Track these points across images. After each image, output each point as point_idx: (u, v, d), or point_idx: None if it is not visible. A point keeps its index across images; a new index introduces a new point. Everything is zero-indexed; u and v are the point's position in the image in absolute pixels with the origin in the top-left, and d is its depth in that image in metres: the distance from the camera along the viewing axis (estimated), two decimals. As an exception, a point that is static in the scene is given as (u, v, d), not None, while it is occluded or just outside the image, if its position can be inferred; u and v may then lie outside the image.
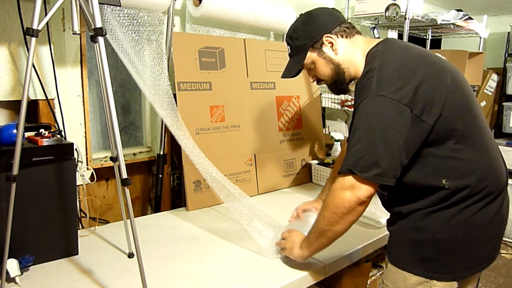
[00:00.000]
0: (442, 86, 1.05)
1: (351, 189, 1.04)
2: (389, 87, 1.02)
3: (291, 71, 1.29)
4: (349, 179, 1.04)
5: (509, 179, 1.19)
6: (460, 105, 1.07)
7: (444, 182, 1.05)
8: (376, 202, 1.28)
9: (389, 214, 1.23)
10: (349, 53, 1.20)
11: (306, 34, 1.22)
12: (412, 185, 1.10)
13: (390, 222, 1.21)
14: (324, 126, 2.48)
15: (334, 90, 1.29)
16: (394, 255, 1.17)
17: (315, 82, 1.30)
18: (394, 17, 2.25)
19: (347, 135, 2.30)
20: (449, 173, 1.06)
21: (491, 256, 1.15)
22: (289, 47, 1.27)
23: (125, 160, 1.74)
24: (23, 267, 1.17)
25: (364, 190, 1.03)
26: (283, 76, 1.31)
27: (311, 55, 1.22)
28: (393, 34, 3.10)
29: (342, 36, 1.20)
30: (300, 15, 1.27)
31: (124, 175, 1.06)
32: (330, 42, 1.19)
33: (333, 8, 1.25)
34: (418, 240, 1.10)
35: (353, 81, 1.23)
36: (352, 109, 1.23)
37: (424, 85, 1.03)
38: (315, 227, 1.18)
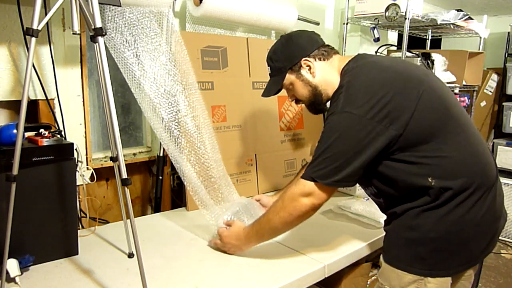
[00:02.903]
0: (412, 94, 1.09)
1: (310, 195, 1.14)
2: (355, 103, 1.09)
3: (270, 91, 1.35)
4: (309, 186, 1.13)
5: (502, 179, 1.20)
6: (434, 108, 1.11)
7: (430, 181, 1.08)
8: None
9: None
10: (326, 74, 1.26)
11: (285, 56, 1.28)
12: (401, 186, 1.13)
13: (386, 223, 1.24)
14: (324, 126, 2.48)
15: (312, 110, 1.36)
16: (389, 254, 1.19)
17: (294, 101, 1.37)
18: (394, 17, 2.25)
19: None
20: (434, 172, 1.08)
21: (486, 250, 1.17)
22: (269, 67, 1.34)
23: (125, 160, 1.75)
24: (23, 267, 1.17)
25: (320, 198, 1.14)
26: (263, 95, 1.38)
27: (289, 77, 1.29)
28: (393, 34, 3.10)
29: (320, 59, 1.26)
30: (280, 36, 1.34)
31: (124, 175, 1.06)
32: (308, 65, 1.26)
33: (313, 31, 1.32)
34: (411, 239, 1.13)
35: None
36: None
37: (392, 97, 1.07)
38: (267, 225, 1.24)
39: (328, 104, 1.28)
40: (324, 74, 1.26)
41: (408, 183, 1.11)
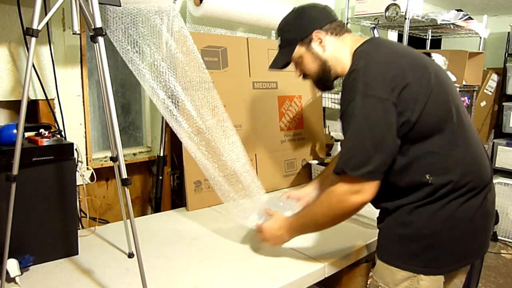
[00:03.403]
0: (425, 84, 1.08)
1: (360, 192, 1.08)
2: (375, 86, 1.05)
3: (278, 63, 1.30)
4: (353, 183, 1.08)
5: (501, 178, 1.22)
6: (443, 103, 1.10)
7: (427, 178, 1.08)
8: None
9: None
10: (337, 51, 1.21)
11: (296, 28, 1.23)
12: (397, 181, 1.12)
13: (379, 220, 1.24)
14: (324, 126, 2.48)
15: (319, 86, 1.31)
16: (382, 251, 1.19)
17: (301, 77, 1.31)
18: (394, 17, 2.25)
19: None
20: (432, 169, 1.08)
21: (480, 250, 1.18)
22: (279, 38, 1.28)
23: (125, 160, 1.75)
24: (23, 267, 1.17)
25: (371, 192, 1.08)
26: (271, 67, 1.33)
27: (299, 50, 1.23)
28: (393, 34, 3.10)
29: (331, 34, 1.21)
30: (293, 8, 1.27)
31: (124, 175, 1.06)
32: (319, 39, 1.20)
33: (326, 6, 1.27)
34: (404, 236, 1.13)
35: (338, 78, 1.25)
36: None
37: (408, 83, 1.05)
38: (312, 221, 1.22)
39: (335, 82, 1.26)
40: (334, 50, 1.21)
41: (406, 178, 1.11)
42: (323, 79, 1.25)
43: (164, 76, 1.49)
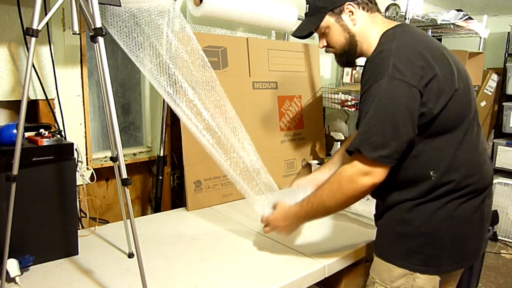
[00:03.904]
0: (452, 79, 1.07)
1: (370, 174, 1.06)
2: (405, 71, 1.02)
3: (303, 31, 1.25)
4: (364, 164, 1.05)
5: (501, 178, 1.23)
6: (465, 101, 1.10)
7: (431, 174, 1.08)
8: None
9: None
10: (366, 27, 1.18)
11: None
12: (400, 173, 1.11)
13: (376, 216, 1.23)
14: (324, 126, 2.48)
15: (341, 61, 1.28)
16: (380, 248, 1.20)
17: (324, 49, 1.27)
18: (394, 17, 2.25)
19: (347, 135, 2.30)
20: (437, 166, 1.08)
21: (476, 253, 1.17)
22: (307, 5, 1.24)
23: (125, 160, 1.75)
24: (23, 267, 1.17)
25: (380, 175, 1.06)
26: (294, 34, 1.28)
27: (328, 19, 1.19)
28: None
29: (363, 9, 1.18)
30: None
31: (124, 175, 1.06)
32: (351, 11, 1.17)
33: None
34: (402, 233, 1.13)
35: (360, 57, 1.22)
36: (358, 101, 1.22)
37: (437, 75, 1.04)
38: (321, 205, 1.17)
39: (358, 60, 1.24)
40: (364, 26, 1.17)
41: (410, 171, 1.10)
42: (347, 54, 1.22)
43: (173, 76, 1.49)
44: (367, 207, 1.64)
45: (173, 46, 1.52)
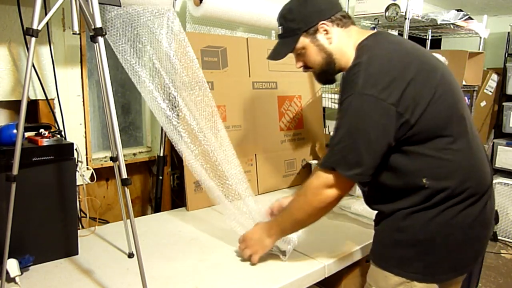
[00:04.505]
0: (430, 84, 1.05)
1: (335, 187, 1.09)
2: (376, 85, 1.01)
3: (280, 54, 1.22)
4: (333, 177, 1.09)
5: (501, 178, 1.20)
6: (447, 105, 1.07)
7: (424, 181, 1.05)
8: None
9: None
10: (343, 44, 1.16)
11: (301, 17, 1.15)
12: (393, 182, 1.10)
13: (375, 222, 1.22)
14: (324, 126, 2.48)
15: (321, 80, 1.27)
16: (377, 255, 1.18)
17: (302, 68, 1.25)
18: (394, 17, 2.25)
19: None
20: (430, 173, 1.06)
21: (474, 259, 1.14)
22: (281, 27, 1.20)
23: (125, 160, 1.74)
24: (23, 267, 1.17)
25: (345, 188, 1.11)
26: (270, 58, 1.25)
27: (303, 40, 1.16)
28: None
29: (338, 25, 1.16)
30: None
31: (124, 175, 1.06)
32: (325, 30, 1.15)
33: None
34: (399, 241, 1.11)
35: (340, 72, 1.21)
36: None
37: (411, 83, 1.02)
38: (291, 218, 1.21)
39: (337, 76, 1.23)
40: (340, 42, 1.15)
41: (402, 180, 1.08)
42: (327, 72, 1.20)
43: (163, 80, 1.50)
44: (367, 207, 1.64)
45: (167, 50, 1.53)
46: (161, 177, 1.92)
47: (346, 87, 1.07)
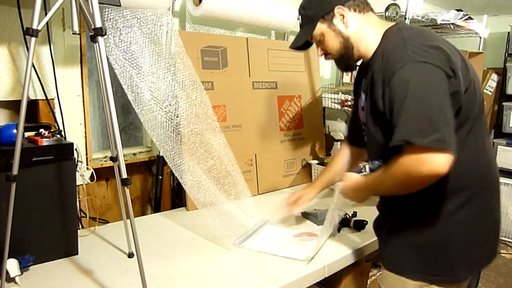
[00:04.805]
0: (466, 68, 1.04)
1: (429, 163, 0.93)
2: (426, 54, 0.98)
3: (298, 41, 1.25)
4: (425, 154, 0.94)
5: (501, 178, 1.19)
6: (475, 98, 1.06)
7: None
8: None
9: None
10: (361, 28, 1.16)
11: (318, 4, 1.19)
12: None
13: (381, 228, 1.19)
14: (324, 126, 2.48)
15: (341, 66, 1.26)
16: (391, 261, 1.15)
17: (323, 56, 1.26)
18: (394, 17, 2.25)
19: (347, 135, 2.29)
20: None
21: (490, 255, 1.14)
22: (300, 16, 1.24)
23: (125, 160, 1.74)
24: (23, 267, 1.17)
25: (440, 162, 0.93)
26: (291, 46, 1.28)
27: (321, 27, 1.18)
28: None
29: (355, 10, 1.16)
30: None
31: (124, 175, 1.06)
32: (342, 15, 1.16)
33: None
34: (415, 243, 1.09)
35: (360, 60, 1.20)
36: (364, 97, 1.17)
37: (455, 60, 1.01)
38: (382, 187, 1.11)
39: (358, 63, 1.21)
40: (358, 27, 1.16)
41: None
42: (345, 57, 1.20)
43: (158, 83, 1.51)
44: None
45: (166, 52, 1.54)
46: (161, 177, 1.91)
47: (391, 61, 1.02)
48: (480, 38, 2.98)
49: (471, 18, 2.64)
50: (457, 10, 2.54)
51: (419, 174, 0.95)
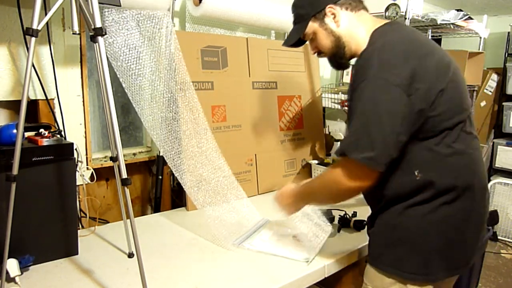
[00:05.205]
0: (443, 79, 1.04)
1: (356, 178, 1.04)
2: (390, 69, 1.00)
3: (290, 40, 1.26)
4: (348, 166, 1.05)
5: (501, 178, 1.19)
6: (455, 103, 1.07)
7: (416, 173, 1.05)
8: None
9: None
10: (352, 27, 1.17)
11: (309, 2, 1.20)
12: (388, 174, 1.07)
13: (369, 225, 1.22)
14: (324, 126, 2.48)
15: (333, 64, 1.28)
16: (372, 255, 1.18)
17: (316, 54, 1.27)
18: (394, 17, 2.25)
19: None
20: (424, 167, 1.05)
21: (469, 259, 1.13)
22: (292, 15, 1.25)
23: (125, 160, 1.75)
24: (23, 267, 1.17)
25: (367, 178, 1.04)
26: (284, 44, 1.29)
27: (312, 25, 1.20)
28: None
29: (346, 9, 1.17)
30: None
31: (124, 175, 1.06)
32: (333, 14, 1.17)
33: None
34: (393, 239, 1.11)
35: (353, 58, 1.20)
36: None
37: (425, 73, 1.01)
38: (313, 198, 1.24)
39: (352, 61, 1.22)
40: (349, 26, 1.16)
41: (397, 170, 1.07)
42: (337, 56, 1.21)
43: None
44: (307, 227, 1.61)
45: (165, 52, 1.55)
46: (160, 177, 1.92)
47: (360, 72, 1.06)
48: (480, 38, 2.98)
49: (471, 18, 2.64)
50: (457, 10, 2.54)
51: (345, 184, 1.06)
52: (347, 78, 2.67)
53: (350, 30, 1.17)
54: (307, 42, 1.28)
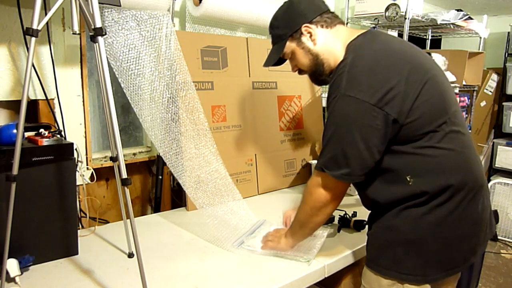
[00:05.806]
0: (415, 82, 1.04)
1: (327, 187, 1.12)
2: (358, 86, 1.03)
3: (270, 61, 1.28)
4: (324, 178, 1.12)
5: (501, 178, 1.18)
6: (434, 102, 1.06)
7: (408, 179, 1.06)
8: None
9: None
10: (329, 43, 1.18)
11: (285, 23, 1.21)
12: (381, 180, 1.10)
13: (368, 227, 1.23)
14: (324, 126, 2.48)
15: (314, 81, 1.30)
16: (369, 257, 1.18)
17: (297, 72, 1.30)
18: (394, 17, 2.25)
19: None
20: (413, 171, 1.06)
21: (466, 259, 1.13)
22: (270, 35, 1.28)
23: (125, 160, 1.75)
24: (23, 267, 1.17)
25: (336, 188, 1.12)
26: (264, 65, 1.31)
27: (290, 45, 1.22)
28: (393, 34, 3.10)
29: (322, 26, 1.18)
30: (283, 2, 1.25)
31: (124, 175, 1.06)
32: (309, 32, 1.18)
33: None
34: (390, 240, 1.11)
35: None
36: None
37: (396, 84, 1.02)
38: (297, 219, 1.27)
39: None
40: (326, 43, 1.17)
41: (389, 177, 1.08)
42: (316, 73, 1.23)
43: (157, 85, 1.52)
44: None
45: (165, 53, 1.55)
46: (160, 177, 1.92)
47: (333, 87, 1.09)
48: (480, 38, 2.99)
49: (471, 18, 2.64)
50: (457, 10, 2.55)
51: (318, 193, 1.14)
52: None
53: (327, 46, 1.18)
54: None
